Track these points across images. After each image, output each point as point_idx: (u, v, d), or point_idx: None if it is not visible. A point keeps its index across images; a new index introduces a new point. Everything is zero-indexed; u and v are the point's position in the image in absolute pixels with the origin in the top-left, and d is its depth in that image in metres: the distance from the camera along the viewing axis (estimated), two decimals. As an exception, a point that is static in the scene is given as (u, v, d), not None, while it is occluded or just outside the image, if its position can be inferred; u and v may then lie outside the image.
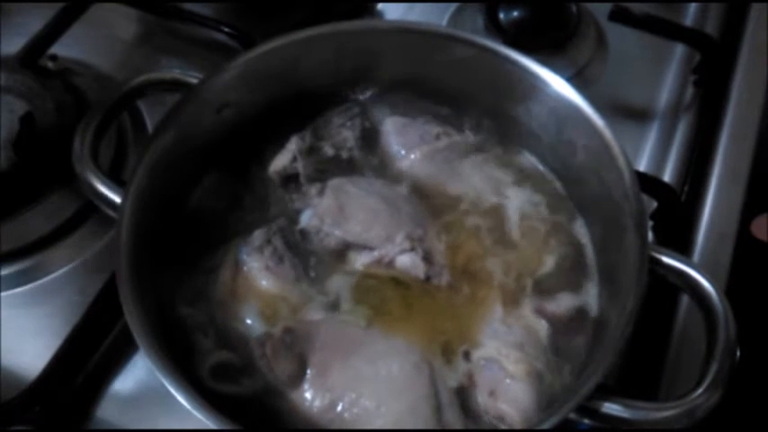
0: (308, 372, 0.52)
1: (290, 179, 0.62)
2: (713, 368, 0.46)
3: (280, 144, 0.63)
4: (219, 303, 0.55)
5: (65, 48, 0.78)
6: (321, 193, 0.60)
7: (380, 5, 0.86)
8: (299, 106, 0.64)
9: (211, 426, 0.44)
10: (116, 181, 0.55)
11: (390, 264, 0.57)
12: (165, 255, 0.56)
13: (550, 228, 0.60)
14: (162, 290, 0.54)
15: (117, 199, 0.53)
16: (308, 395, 0.51)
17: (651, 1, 0.83)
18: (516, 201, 0.62)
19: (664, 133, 0.77)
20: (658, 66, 0.82)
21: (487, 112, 0.65)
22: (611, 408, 0.46)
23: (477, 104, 0.65)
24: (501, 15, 0.81)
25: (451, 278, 0.57)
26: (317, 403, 0.50)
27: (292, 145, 0.62)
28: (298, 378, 0.51)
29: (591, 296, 0.57)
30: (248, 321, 0.54)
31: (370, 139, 0.65)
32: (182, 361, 0.49)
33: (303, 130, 0.63)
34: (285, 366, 0.51)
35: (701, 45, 0.79)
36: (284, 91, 0.63)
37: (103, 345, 0.60)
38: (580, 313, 0.56)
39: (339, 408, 0.50)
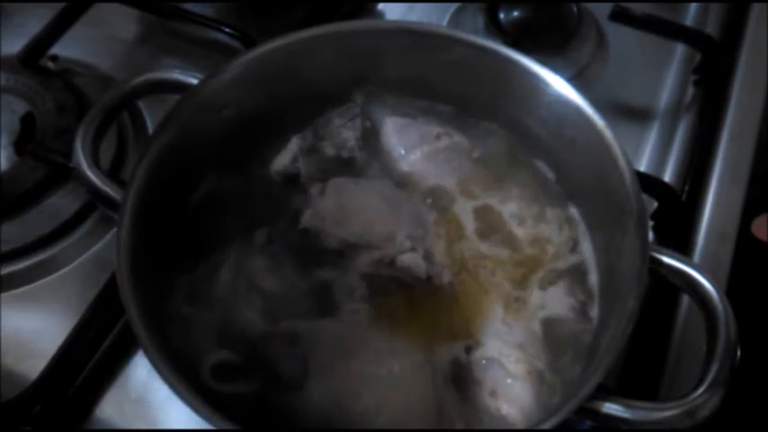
0: (309, 371, 0.52)
1: (290, 179, 0.62)
2: (714, 368, 0.46)
3: (280, 144, 0.63)
4: (220, 303, 0.55)
5: (65, 48, 0.78)
6: (322, 192, 0.60)
7: (380, 5, 0.86)
8: (299, 106, 0.64)
9: (212, 426, 0.44)
10: (116, 181, 0.55)
11: (391, 263, 0.57)
12: (165, 254, 0.56)
13: (550, 228, 0.60)
14: (162, 290, 0.54)
15: (117, 199, 0.53)
16: (309, 395, 0.51)
17: (651, 1, 0.83)
18: (516, 201, 0.62)
19: (664, 133, 0.77)
20: (658, 66, 0.82)
21: (488, 112, 0.65)
22: (612, 408, 0.45)
23: (477, 105, 0.65)
24: (501, 15, 0.81)
25: (452, 278, 0.57)
26: (317, 403, 0.50)
27: (293, 145, 0.62)
28: (299, 378, 0.51)
29: (591, 296, 0.57)
30: (249, 321, 0.54)
31: (370, 138, 0.65)
32: (182, 361, 0.49)
33: (304, 130, 0.63)
34: (286, 366, 0.51)
35: (701, 45, 0.79)
36: (284, 91, 0.63)
37: (103, 345, 0.60)
38: (580, 313, 0.56)
39: (340, 408, 0.50)
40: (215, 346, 0.53)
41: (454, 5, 0.85)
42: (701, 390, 0.45)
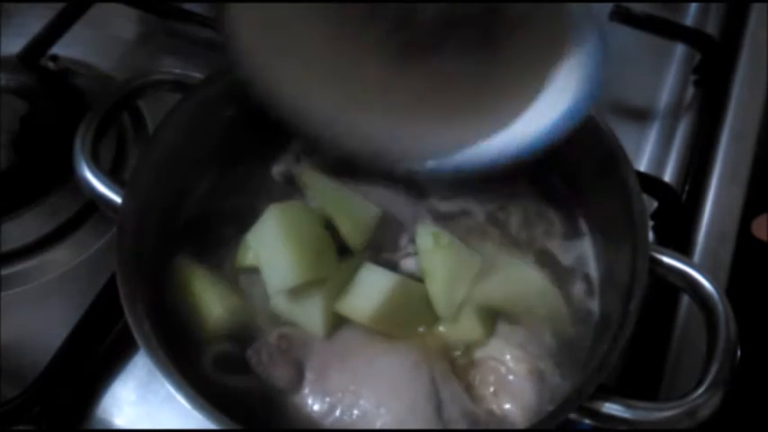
0: (307, 376, 0.52)
1: (291, 179, 0.61)
2: (714, 368, 0.46)
3: (282, 144, 0.62)
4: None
5: (65, 48, 0.78)
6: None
7: (381, 6, 0.86)
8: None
9: (212, 425, 0.44)
10: (116, 181, 0.55)
11: (394, 266, 0.57)
12: (165, 254, 0.56)
13: (550, 228, 0.60)
14: (162, 289, 0.54)
15: (117, 199, 0.53)
16: (307, 399, 0.51)
17: (651, 1, 0.83)
18: (516, 200, 0.61)
19: (664, 133, 0.77)
20: (658, 66, 0.82)
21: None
22: (612, 408, 0.46)
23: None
24: (501, 15, 0.81)
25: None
26: (316, 407, 0.50)
27: (295, 145, 0.62)
28: (296, 383, 0.51)
29: (591, 296, 0.57)
30: (249, 318, 0.54)
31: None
32: (182, 361, 0.49)
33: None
34: (282, 372, 0.51)
35: (701, 45, 0.79)
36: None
37: (103, 345, 0.60)
38: (581, 313, 0.56)
39: (339, 410, 0.50)
40: (216, 339, 0.53)
41: (454, 6, 0.85)
42: (701, 390, 0.46)
